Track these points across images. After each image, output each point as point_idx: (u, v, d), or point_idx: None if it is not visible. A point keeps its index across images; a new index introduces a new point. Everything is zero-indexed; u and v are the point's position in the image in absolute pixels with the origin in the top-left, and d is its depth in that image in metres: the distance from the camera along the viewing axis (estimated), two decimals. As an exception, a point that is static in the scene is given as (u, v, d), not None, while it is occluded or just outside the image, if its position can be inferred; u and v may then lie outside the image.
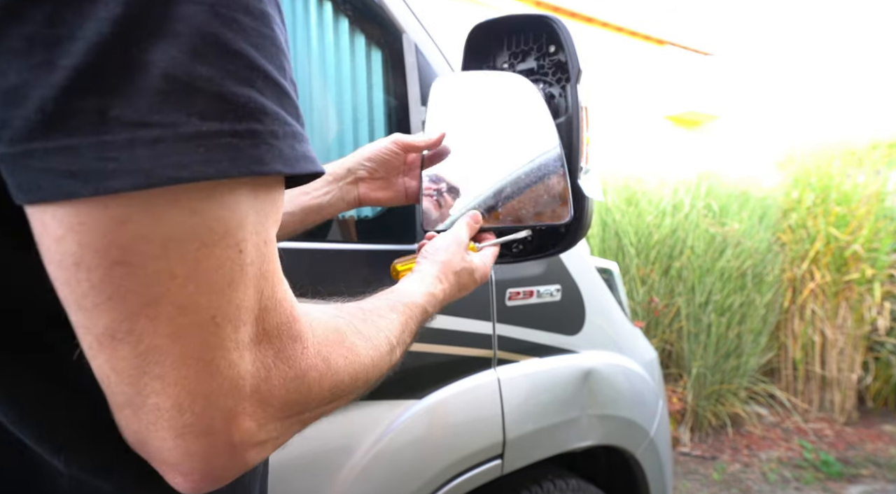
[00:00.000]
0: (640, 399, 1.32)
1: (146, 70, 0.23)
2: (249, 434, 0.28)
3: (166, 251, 0.24)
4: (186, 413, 0.26)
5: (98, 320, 0.25)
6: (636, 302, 3.33)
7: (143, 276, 0.24)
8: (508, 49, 0.77)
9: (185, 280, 0.25)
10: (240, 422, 0.28)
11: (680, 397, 3.32)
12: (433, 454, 0.92)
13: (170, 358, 0.25)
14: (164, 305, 0.25)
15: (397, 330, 0.44)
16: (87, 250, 0.23)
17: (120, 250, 0.24)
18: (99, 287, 0.24)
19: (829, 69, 8.35)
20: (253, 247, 0.27)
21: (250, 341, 0.28)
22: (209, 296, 0.26)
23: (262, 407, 0.29)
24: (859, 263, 3.62)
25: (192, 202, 0.25)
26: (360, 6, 0.97)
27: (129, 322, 0.24)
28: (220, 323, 0.26)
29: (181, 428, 0.26)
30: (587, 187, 0.69)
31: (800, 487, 2.88)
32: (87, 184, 0.23)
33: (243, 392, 0.27)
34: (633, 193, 3.55)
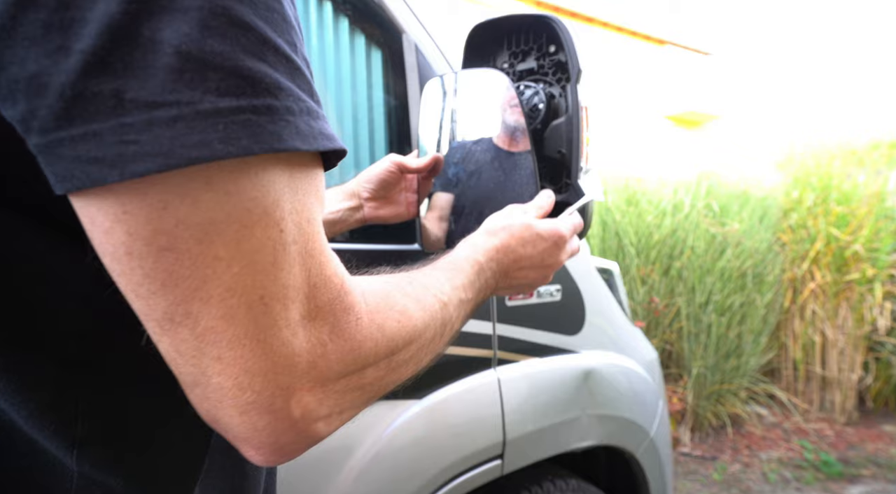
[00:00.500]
0: (640, 399, 1.32)
1: (159, 48, 0.23)
2: (310, 409, 0.29)
3: (207, 234, 0.25)
4: (247, 391, 0.27)
5: (156, 306, 0.25)
6: (636, 302, 3.33)
7: (190, 260, 0.25)
8: (508, 49, 0.77)
9: (229, 262, 0.25)
10: (299, 399, 0.28)
11: (680, 397, 3.32)
12: (433, 454, 0.92)
13: (225, 338, 0.26)
14: (213, 287, 0.25)
15: (445, 286, 0.43)
16: (135, 239, 0.24)
17: (165, 236, 0.24)
18: (152, 274, 0.25)
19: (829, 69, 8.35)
20: (294, 225, 0.27)
21: (302, 318, 0.28)
22: (254, 277, 0.26)
23: (321, 382, 0.29)
24: (860, 263, 3.62)
25: (225, 183, 0.25)
26: (359, 6, 0.97)
27: (185, 305, 0.25)
28: (268, 303, 0.26)
29: (244, 406, 0.27)
30: (587, 187, 0.68)
31: (800, 487, 2.88)
32: (112, 169, 0.23)
33: (299, 368, 0.28)
34: (633, 193, 3.54)
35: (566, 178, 0.70)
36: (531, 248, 0.54)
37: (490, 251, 0.52)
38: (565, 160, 0.70)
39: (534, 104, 0.71)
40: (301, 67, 0.27)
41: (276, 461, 0.30)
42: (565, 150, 0.69)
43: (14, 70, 0.23)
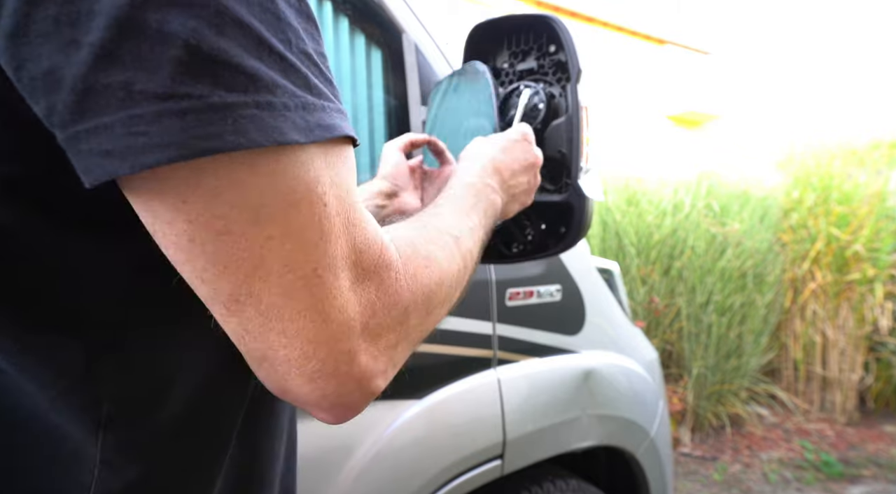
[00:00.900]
0: (640, 399, 1.32)
1: (167, 41, 0.23)
2: (369, 368, 0.31)
3: (258, 215, 0.26)
4: (312, 360, 0.29)
5: (222, 289, 0.27)
6: (637, 302, 3.32)
7: (246, 242, 0.26)
8: (508, 49, 0.77)
9: (281, 239, 0.27)
10: (359, 360, 0.30)
11: (680, 397, 3.32)
12: (433, 454, 0.91)
13: (287, 313, 0.28)
14: (270, 265, 0.27)
15: (452, 220, 0.45)
16: (196, 226, 0.26)
17: (221, 221, 0.26)
18: (214, 258, 0.26)
19: (830, 69, 8.35)
20: (335, 198, 0.29)
21: (352, 284, 0.30)
22: (306, 251, 0.27)
23: (374, 340, 0.31)
24: (860, 263, 3.62)
25: (269, 165, 0.26)
26: (360, 6, 0.97)
27: (247, 285, 0.27)
28: (321, 274, 0.28)
29: (311, 374, 0.29)
30: (587, 187, 0.68)
31: (801, 488, 2.88)
32: (123, 161, 0.23)
33: (355, 332, 0.30)
34: (633, 193, 3.54)
35: (566, 178, 0.70)
36: (511, 153, 0.58)
37: (479, 171, 0.54)
38: (565, 160, 0.69)
39: (534, 104, 0.71)
40: (295, 64, 0.27)
41: (345, 419, 0.32)
42: (565, 150, 0.69)
43: (31, 67, 0.23)
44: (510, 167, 0.57)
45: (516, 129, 0.62)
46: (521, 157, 0.59)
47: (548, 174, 0.73)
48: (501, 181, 0.56)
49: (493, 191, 0.54)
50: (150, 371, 0.32)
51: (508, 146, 0.59)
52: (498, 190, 0.55)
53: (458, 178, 0.53)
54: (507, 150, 0.58)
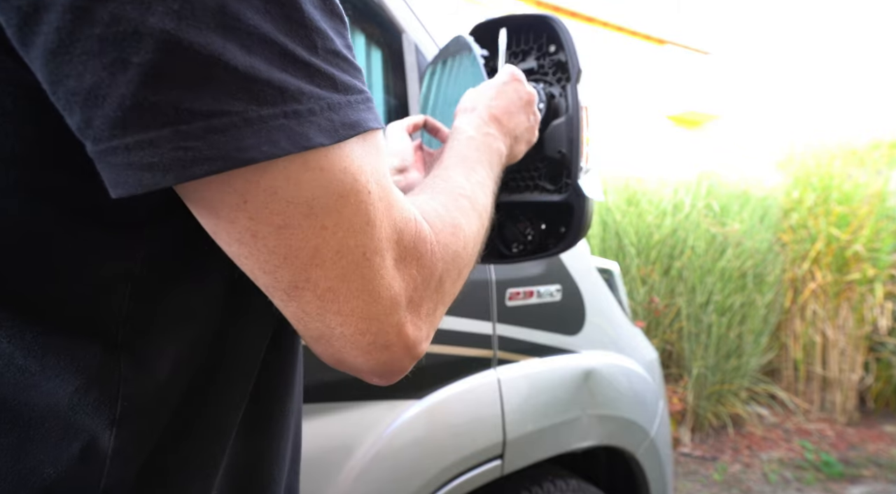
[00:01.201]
0: (640, 399, 1.32)
1: (210, 63, 0.25)
2: (415, 335, 0.35)
3: (312, 209, 0.29)
4: (367, 335, 0.32)
5: (283, 277, 0.30)
6: (637, 302, 3.32)
7: (302, 233, 0.29)
8: (508, 49, 0.77)
9: (334, 228, 0.30)
10: (407, 331, 0.34)
11: (680, 397, 3.32)
12: (433, 454, 0.91)
13: (342, 294, 0.31)
14: (325, 253, 0.30)
15: (461, 180, 0.47)
16: (258, 222, 0.28)
17: (280, 216, 0.28)
18: (275, 250, 0.29)
19: (830, 69, 8.35)
20: (376, 184, 0.31)
21: (396, 262, 0.33)
22: (356, 237, 0.30)
23: (417, 310, 0.35)
24: (860, 263, 3.62)
25: (319, 161, 0.29)
26: (359, 6, 0.97)
27: (306, 272, 0.30)
28: (370, 257, 0.31)
29: (366, 347, 0.33)
30: (587, 187, 0.68)
31: (801, 488, 2.88)
32: (167, 173, 0.25)
33: (402, 306, 0.33)
34: (633, 193, 3.54)
35: (566, 178, 0.70)
36: (505, 96, 0.59)
37: (477, 122, 0.55)
38: (565, 160, 0.69)
39: (533, 103, 0.71)
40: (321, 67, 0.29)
41: (395, 380, 0.36)
42: (565, 150, 0.69)
43: (72, 83, 0.25)
44: (507, 109, 0.58)
45: (504, 71, 0.62)
46: (515, 97, 0.59)
47: (548, 174, 0.73)
48: (501, 126, 0.56)
49: (495, 138, 0.55)
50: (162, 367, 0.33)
51: (500, 89, 0.59)
52: (499, 136, 0.55)
53: (458, 135, 0.54)
54: (499, 94, 0.59)
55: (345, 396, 0.82)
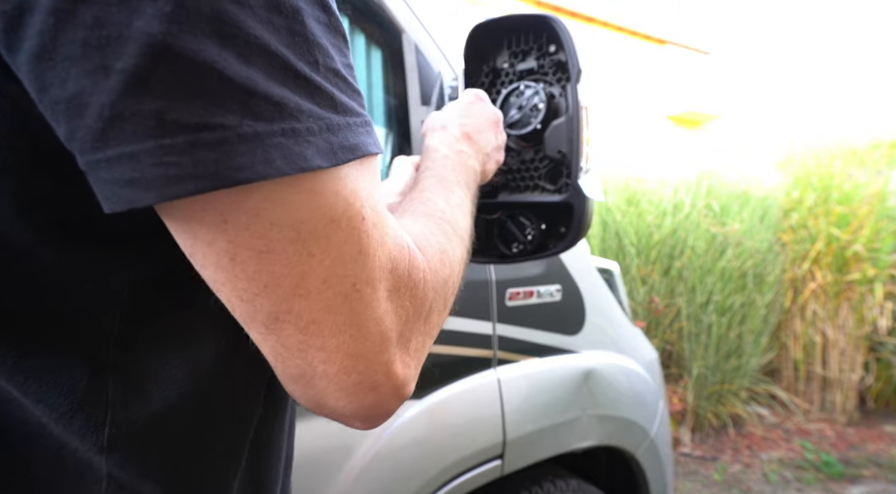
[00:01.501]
0: (640, 399, 1.32)
1: (201, 71, 0.23)
2: (404, 375, 0.32)
3: (300, 233, 0.26)
4: (352, 374, 0.29)
5: (261, 307, 0.27)
6: (637, 302, 3.32)
7: (286, 260, 0.26)
8: (508, 49, 0.77)
9: (321, 256, 0.27)
10: (396, 369, 0.31)
11: (681, 397, 3.32)
12: (433, 454, 0.91)
13: (326, 328, 0.28)
14: (310, 282, 0.27)
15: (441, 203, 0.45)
16: (237, 245, 0.26)
17: (262, 240, 0.26)
18: (255, 277, 0.26)
19: (830, 69, 8.35)
20: (371, 210, 0.29)
21: (390, 293, 0.31)
22: (346, 266, 0.28)
23: (406, 346, 0.32)
24: (860, 263, 3.62)
25: (305, 186, 0.26)
26: (359, 6, 0.97)
27: (287, 302, 0.27)
28: (360, 289, 0.29)
29: (351, 388, 0.30)
30: (587, 187, 0.68)
31: (801, 488, 2.88)
32: (147, 192, 0.23)
33: (392, 342, 0.31)
34: (633, 193, 3.54)
35: (566, 178, 0.70)
36: (472, 115, 0.58)
37: (450, 140, 0.54)
38: (565, 160, 0.69)
39: (534, 104, 0.71)
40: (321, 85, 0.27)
41: (380, 424, 0.33)
42: (565, 150, 0.69)
43: (55, 91, 0.23)
44: (477, 127, 0.58)
45: (467, 93, 0.62)
46: (482, 117, 0.59)
47: (548, 174, 0.73)
48: (473, 144, 0.56)
49: (469, 156, 0.54)
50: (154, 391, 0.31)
51: (467, 109, 0.59)
52: (472, 154, 0.55)
53: (433, 154, 0.52)
54: (468, 113, 0.59)
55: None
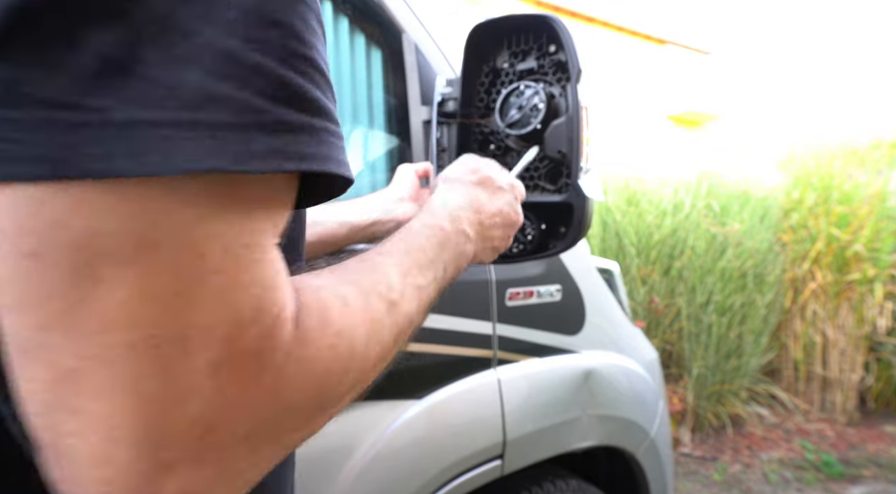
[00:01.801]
0: (640, 399, 1.32)
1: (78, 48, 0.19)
2: (193, 492, 0.21)
3: (90, 244, 0.19)
4: (105, 465, 0.19)
5: (11, 327, 0.19)
6: (637, 302, 3.32)
7: (59, 274, 0.19)
8: (508, 49, 0.77)
9: (112, 284, 0.19)
10: (179, 479, 0.20)
11: (681, 397, 3.32)
12: (433, 454, 0.91)
13: (90, 385, 0.19)
14: (83, 315, 0.19)
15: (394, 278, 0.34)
16: None
17: (34, 237, 0.19)
18: (11, 280, 0.19)
19: (830, 69, 8.35)
20: (222, 250, 0.21)
21: (211, 369, 0.21)
22: (147, 308, 0.19)
23: (217, 451, 0.21)
24: (861, 263, 3.61)
25: (133, 189, 0.19)
26: (359, 6, 0.97)
27: (42, 333, 0.19)
28: (159, 345, 0.20)
29: (98, 483, 0.20)
30: (587, 187, 0.68)
31: (801, 488, 2.88)
32: None
33: (191, 436, 0.20)
34: (633, 193, 3.54)
35: (566, 178, 0.70)
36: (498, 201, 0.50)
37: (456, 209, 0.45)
38: (565, 160, 0.69)
39: (534, 104, 0.71)
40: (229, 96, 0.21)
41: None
42: (565, 150, 0.69)
43: None
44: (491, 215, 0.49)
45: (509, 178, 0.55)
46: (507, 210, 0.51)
47: (548, 174, 0.73)
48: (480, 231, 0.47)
49: (467, 239, 0.45)
50: None
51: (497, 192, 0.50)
52: (472, 238, 0.46)
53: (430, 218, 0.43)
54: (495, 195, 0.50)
55: (345, 396, 0.82)
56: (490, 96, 0.77)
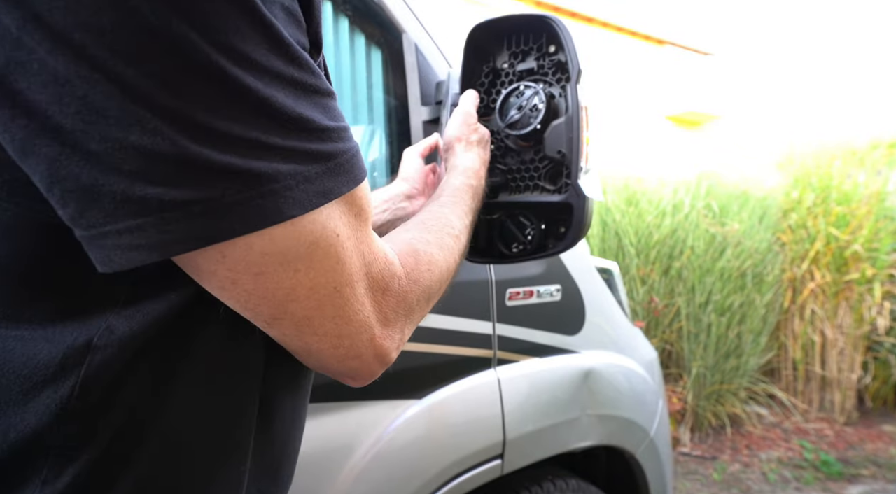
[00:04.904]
0: (640, 399, 1.32)
1: (190, 163, 0.28)
2: (384, 348, 0.40)
3: (286, 257, 0.32)
4: (340, 349, 0.37)
5: (262, 312, 0.34)
6: (636, 302, 3.33)
7: (278, 277, 0.33)
8: (508, 49, 0.77)
9: (306, 271, 0.33)
10: (377, 344, 0.39)
11: (680, 397, 3.33)
12: (433, 454, 0.92)
13: (316, 321, 0.35)
14: (299, 291, 0.33)
15: (455, 221, 0.55)
16: (237, 272, 0.32)
17: (256, 266, 0.32)
18: (254, 292, 0.33)
19: (830, 69, 8.35)
20: (345, 226, 0.35)
21: (366, 291, 0.38)
22: (326, 275, 0.34)
23: (387, 327, 0.40)
24: (859, 263, 3.62)
25: (292, 223, 0.32)
26: (360, 6, 0.97)
27: (283, 307, 0.34)
28: (340, 290, 0.35)
29: (341, 358, 0.38)
30: (587, 187, 0.69)
31: (800, 487, 2.88)
32: (152, 252, 0.29)
33: (371, 326, 0.38)
34: (633, 193, 3.55)
35: (566, 178, 0.70)
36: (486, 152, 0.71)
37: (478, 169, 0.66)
38: (565, 160, 0.70)
39: (534, 104, 0.71)
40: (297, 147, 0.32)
41: (367, 383, 0.42)
42: (565, 150, 0.69)
43: (69, 183, 0.28)
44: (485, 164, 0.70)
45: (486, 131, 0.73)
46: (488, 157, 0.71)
47: (548, 174, 0.73)
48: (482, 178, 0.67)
49: (480, 188, 0.66)
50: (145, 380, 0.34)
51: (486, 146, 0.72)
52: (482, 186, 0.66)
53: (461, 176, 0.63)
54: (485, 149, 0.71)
55: (345, 396, 0.82)
56: (490, 96, 0.77)
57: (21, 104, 0.27)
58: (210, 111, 0.29)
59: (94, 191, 0.28)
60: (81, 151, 0.27)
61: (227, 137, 0.29)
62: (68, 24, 0.26)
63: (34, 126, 0.27)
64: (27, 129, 0.27)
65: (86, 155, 0.27)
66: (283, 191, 0.31)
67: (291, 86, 0.32)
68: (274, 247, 0.31)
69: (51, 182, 0.28)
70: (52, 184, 0.28)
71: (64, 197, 0.28)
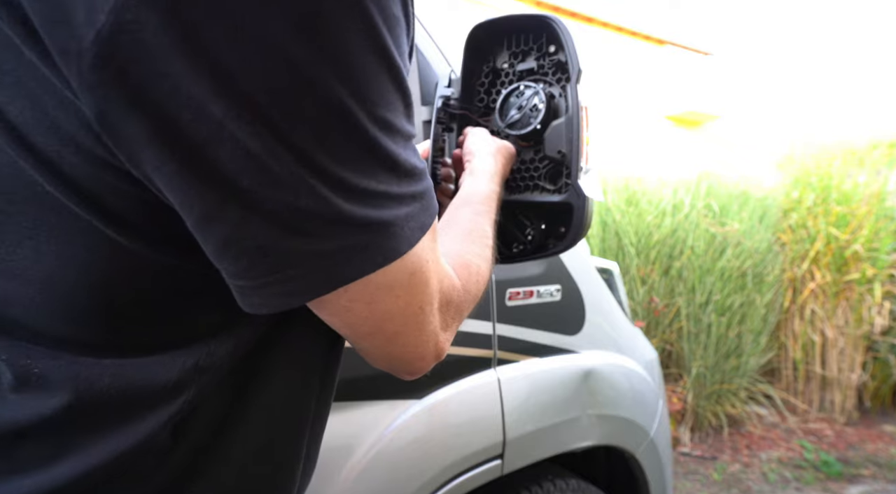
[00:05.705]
0: (640, 399, 1.32)
1: (338, 215, 0.33)
2: (443, 349, 0.46)
3: (391, 287, 0.38)
4: (414, 354, 0.43)
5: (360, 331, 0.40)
6: (636, 302, 3.33)
7: (382, 302, 0.38)
8: (508, 49, 0.77)
9: (404, 295, 0.39)
10: (439, 347, 0.45)
11: (680, 397, 3.33)
12: (433, 454, 0.92)
13: (403, 334, 0.41)
14: (394, 311, 0.39)
15: (487, 229, 0.60)
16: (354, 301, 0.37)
17: (370, 295, 0.37)
18: (364, 317, 0.38)
19: (829, 69, 8.35)
20: (430, 252, 0.40)
21: (439, 306, 0.44)
22: (417, 297, 0.40)
23: (446, 333, 0.46)
24: (859, 263, 3.62)
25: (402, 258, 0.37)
26: (360, 6, 0.96)
27: (378, 325, 0.39)
28: (423, 308, 0.41)
29: (410, 360, 0.44)
30: (587, 187, 0.68)
31: (800, 487, 2.88)
32: (302, 297, 0.35)
33: (437, 333, 0.44)
34: (633, 193, 3.55)
35: (566, 178, 0.70)
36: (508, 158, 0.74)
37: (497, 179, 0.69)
38: (565, 160, 0.70)
39: (534, 104, 0.71)
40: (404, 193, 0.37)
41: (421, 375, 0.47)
42: (565, 150, 0.69)
43: (247, 243, 0.33)
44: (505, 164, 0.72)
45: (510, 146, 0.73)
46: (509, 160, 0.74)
47: (548, 174, 0.73)
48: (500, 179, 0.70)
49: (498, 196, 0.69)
50: None
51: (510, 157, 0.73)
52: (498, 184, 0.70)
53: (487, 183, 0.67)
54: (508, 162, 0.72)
55: (345, 396, 0.82)
56: (490, 96, 0.77)
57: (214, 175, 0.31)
58: (359, 172, 0.33)
59: (267, 249, 0.33)
60: (260, 214, 0.32)
61: (367, 192, 0.34)
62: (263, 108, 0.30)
63: (225, 194, 0.31)
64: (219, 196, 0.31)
65: (263, 217, 0.32)
66: (399, 231, 0.36)
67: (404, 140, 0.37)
68: (385, 279, 0.37)
69: (228, 242, 0.32)
70: (230, 245, 0.33)
71: (239, 255, 0.33)
